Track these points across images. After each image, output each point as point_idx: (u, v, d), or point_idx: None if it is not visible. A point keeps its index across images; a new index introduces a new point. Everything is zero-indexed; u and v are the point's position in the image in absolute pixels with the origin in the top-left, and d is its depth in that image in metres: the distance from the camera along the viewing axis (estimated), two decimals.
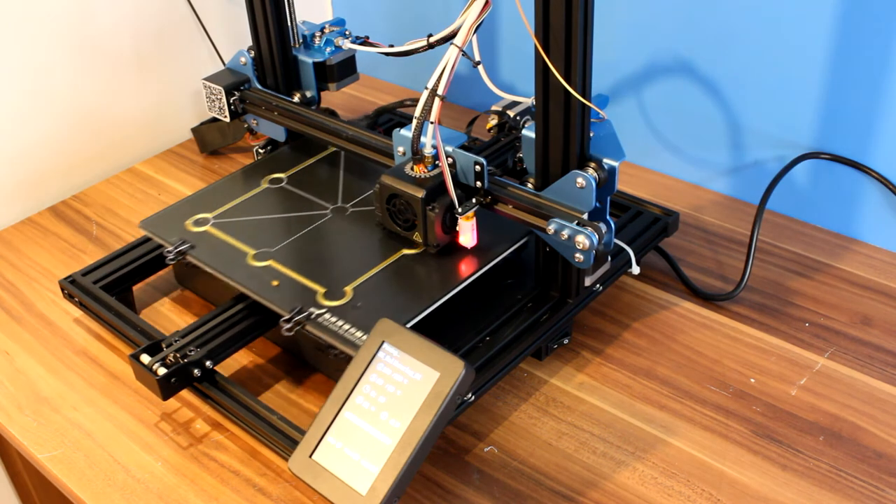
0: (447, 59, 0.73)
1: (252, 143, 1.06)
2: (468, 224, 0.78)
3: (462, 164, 0.79)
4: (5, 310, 0.93)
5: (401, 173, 0.79)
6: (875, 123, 0.89)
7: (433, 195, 0.77)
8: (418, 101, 0.76)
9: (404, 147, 0.81)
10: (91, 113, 1.11)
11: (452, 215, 0.78)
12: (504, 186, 0.78)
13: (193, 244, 0.84)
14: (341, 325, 0.74)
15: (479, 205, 0.79)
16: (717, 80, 0.98)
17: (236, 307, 0.81)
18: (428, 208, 0.77)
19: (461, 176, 0.79)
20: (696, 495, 0.70)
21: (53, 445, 0.77)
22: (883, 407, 0.76)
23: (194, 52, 1.20)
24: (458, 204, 0.78)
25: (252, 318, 0.80)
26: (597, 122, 0.74)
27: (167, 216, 0.90)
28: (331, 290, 0.77)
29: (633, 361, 0.82)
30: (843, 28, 0.87)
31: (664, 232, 0.90)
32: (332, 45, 1.00)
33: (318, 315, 0.75)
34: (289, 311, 0.75)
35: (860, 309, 0.86)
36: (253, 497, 0.72)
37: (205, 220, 0.88)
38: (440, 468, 0.73)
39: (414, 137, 0.77)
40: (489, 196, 0.79)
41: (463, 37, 0.72)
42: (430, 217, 0.77)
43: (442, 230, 0.78)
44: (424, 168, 0.78)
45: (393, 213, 0.80)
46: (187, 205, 0.91)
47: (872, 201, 0.93)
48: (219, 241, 0.85)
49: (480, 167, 0.78)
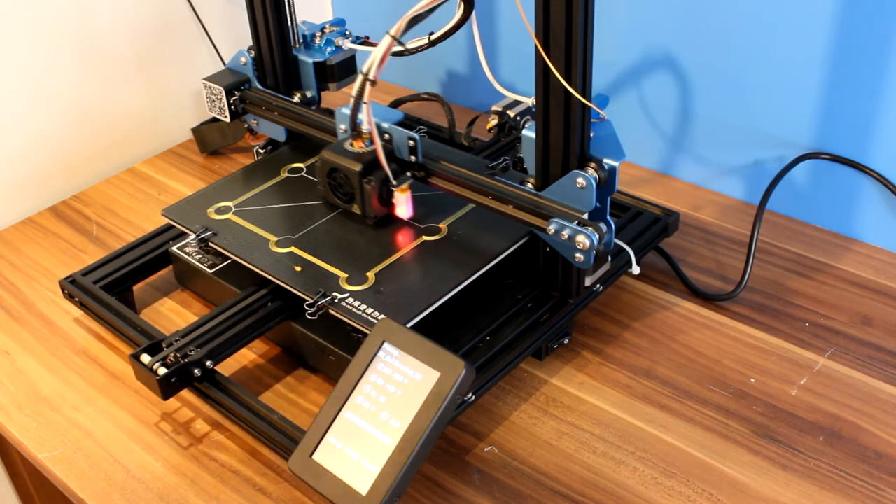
0: (380, 46, 0.76)
1: (252, 143, 1.06)
2: (403, 196, 0.83)
3: (397, 139, 0.83)
4: (5, 310, 0.93)
5: (340, 149, 0.83)
6: (875, 123, 0.89)
7: (369, 169, 0.81)
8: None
9: (345, 124, 0.86)
10: (91, 113, 1.11)
11: (388, 188, 0.82)
12: (438, 161, 0.82)
13: (216, 231, 0.86)
14: (364, 309, 0.75)
15: (414, 178, 0.83)
16: (717, 79, 0.98)
17: (259, 293, 0.82)
18: (364, 181, 0.81)
19: (397, 151, 0.83)
20: (696, 495, 0.70)
21: (53, 445, 0.77)
22: (883, 407, 0.76)
23: (194, 52, 1.20)
24: (392, 177, 0.81)
25: (275, 304, 0.82)
26: (597, 122, 0.74)
27: (189, 204, 0.91)
28: (353, 276, 0.79)
29: (633, 361, 0.82)
30: (842, 28, 0.87)
31: (664, 232, 0.90)
32: (333, 45, 1.00)
33: (341, 299, 0.76)
34: (313, 296, 0.76)
35: (860, 309, 0.86)
36: (253, 497, 0.72)
37: (226, 209, 0.89)
38: (440, 468, 0.73)
39: (352, 115, 0.82)
40: (423, 170, 0.83)
41: (397, 25, 0.74)
42: (366, 189, 0.82)
43: (379, 202, 0.83)
44: (362, 144, 0.83)
45: (333, 187, 0.85)
46: (208, 194, 0.92)
47: (872, 201, 0.93)
48: (241, 229, 0.86)
49: (414, 142, 0.82)
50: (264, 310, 0.81)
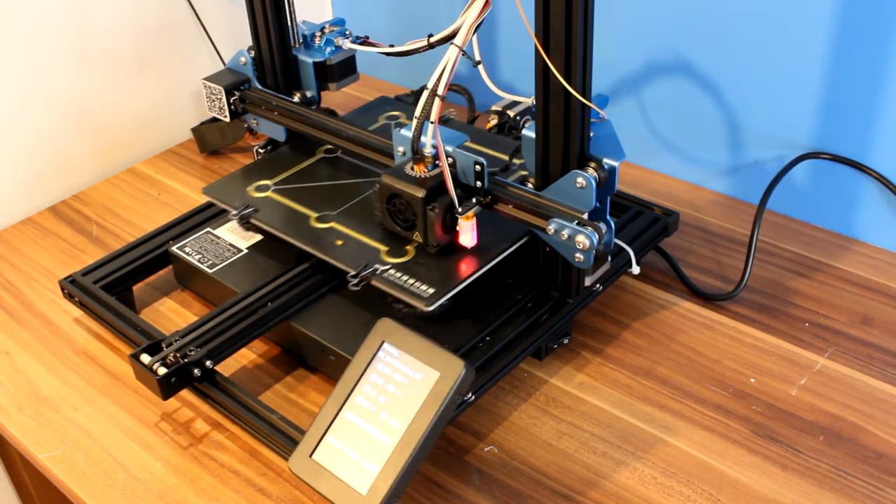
0: (447, 58, 0.73)
1: (252, 142, 1.06)
2: (468, 224, 0.78)
3: (462, 163, 0.79)
4: (5, 310, 0.93)
5: (401, 173, 0.79)
6: (875, 123, 0.89)
7: (433, 195, 0.77)
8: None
9: (404, 147, 0.81)
10: (91, 113, 1.11)
11: (452, 215, 0.78)
12: (504, 186, 0.78)
13: (257, 208, 0.87)
14: (406, 280, 0.76)
15: (479, 205, 0.79)
16: (717, 80, 0.98)
17: (300, 267, 0.84)
18: (428, 208, 0.77)
19: (461, 176, 0.79)
20: (696, 495, 0.70)
21: (53, 445, 0.77)
22: (883, 407, 0.76)
23: (194, 52, 1.20)
24: (458, 204, 0.78)
25: (316, 277, 0.83)
26: (597, 122, 0.74)
27: (228, 183, 0.93)
28: (393, 249, 0.80)
29: (633, 361, 0.82)
30: (842, 27, 0.87)
31: (664, 232, 0.90)
32: (333, 45, 1.00)
33: (383, 271, 0.77)
34: (355, 268, 0.77)
35: (860, 309, 0.86)
36: (253, 497, 0.72)
37: (266, 187, 0.91)
38: (440, 468, 0.73)
39: (414, 137, 0.77)
40: (489, 196, 0.79)
41: (463, 36, 0.72)
42: (430, 217, 0.77)
43: (442, 230, 0.78)
44: (424, 168, 0.78)
45: (393, 213, 0.80)
46: (246, 173, 0.94)
47: (872, 201, 0.93)
48: (281, 205, 0.88)
49: (480, 167, 0.78)
50: (264, 310, 0.81)
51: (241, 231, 0.92)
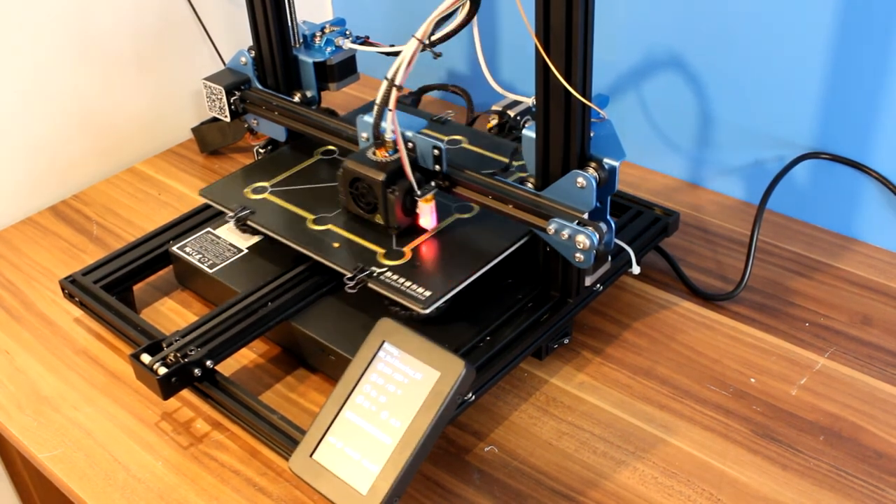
0: (406, 50, 0.75)
1: (252, 142, 1.06)
2: (427, 206, 0.81)
3: (422, 148, 0.81)
4: (5, 309, 0.93)
5: (363, 158, 0.82)
6: (875, 123, 0.89)
7: (393, 178, 0.80)
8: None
9: (367, 133, 0.84)
10: (91, 113, 1.11)
11: (412, 198, 0.81)
12: (463, 171, 0.81)
13: (254, 210, 0.87)
14: (403, 283, 0.76)
15: (438, 188, 0.82)
16: (718, 80, 0.98)
17: (301, 267, 0.84)
18: (388, 191, 0.80)
19: (421, 160, 0.82)
20: (696, 495, 0.70)
21: (53, 445, 0.77)
22: (883, 407, 0.76)
23: (194, 52, 1.20)
24: (417, 187, 0.80)
25: (316, 277, 0.83)
26: (597, 122, 0.74)
27: (225, 185, 0.93)
28: (390, 251, 0.80)
29: (633, 361, 0.82)
30: (843, 28, 0.87)
31: (664, 232, 0.90)
32: (333, 45, 1.00)
33: (379, 273, 0.77)
34: (351, 270, 0.77)
35: (860, 309, 0.86)
36: (253, 497, 0.72)
37: (263, 189, 0.91)
38: (440, 468, 0.73)
39: (375, 123, 0.81)
40: (448, 180, 0.81)
41: (423, 28, 0.74)
42: (390, 199, 0.80)
43: (402, 212, 0.81)
44: (385, 153, 0.81)
45: (356, 197, 0.83)
46: (244, 175, 0.94)
47: (872, 201, 0.93)
48: (278, 207, 0.88)
49: (439, 151, 0.80)
50: (264, 310, 0.81)
51: (242, 231, 0.92)
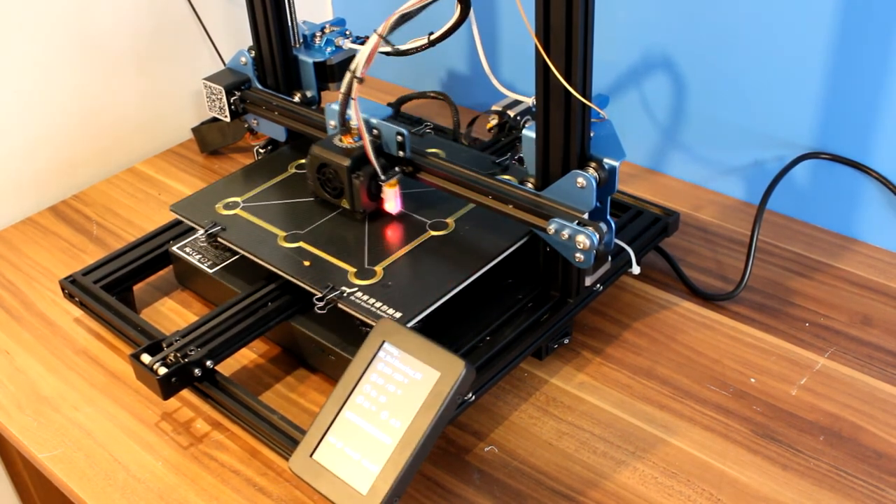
0: (368, 44, 0.77)
1: (252, 142, 1.06)
2: (392, 191, 0.83)
3: (386, 134, 0.83)
4: (5, 309, 0.93)
5: (330, 144, 0.84)
6: (875, 123, 0.89)
7: (358, 164, 0.82)
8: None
9: (335, 120, 0.86)
10: (91, 113, 1.11)
11: (377, 183, 0.83)
12: (426, 156, 0.83)
13: (224, 226, 0.86)
14: (373, 303, 0.75)
15: (402, 173, 0.84)
16: (718, 79, 0.98)
17: (268, 288, 0.83)
18: (353, 176, 0.82)
19: (385, 146, 0.84)
20: (696, 495, 0.70)
21: (53, 445, 0.77)
22: (883, 407, 0.76)
23: (194, 52, 1.20)
24: (381, 172, 0.82)
25: (282, 299, 0.82)
26: (597, 122, 0.74)
27: (197, 200, 0.91)
28: (361, 270, 0.79)
29: (634, 361, 0.82)
30: (843, 28, 0.87)
31: (664, 232, 0.90)
32: (333, 45, 1.00)
33: (350, 293, 0.76)
34: (322, 290, 0.76)
35: (860, 309, 0.86)
36: (253, 497, 0.72)
37: (234, 204, 0.89)
38: (440, 468, 0.73)
39: (340, 111, 0.83)
40: (411, 165, 0.83)
41: (384, 24, 0.75)
42: (355, 184, 0.82)
43: (368, 197, 0.83)
44: (351, 139, 0.84)
45: (323, 182, 0.85)
46: (216, 189, 0.93)
47: (872, 201, 0.93)
48: (249, 224, 0.87)
49: (402, 137, 0.82)
50: (264, 309, 0.81)
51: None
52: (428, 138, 0.98)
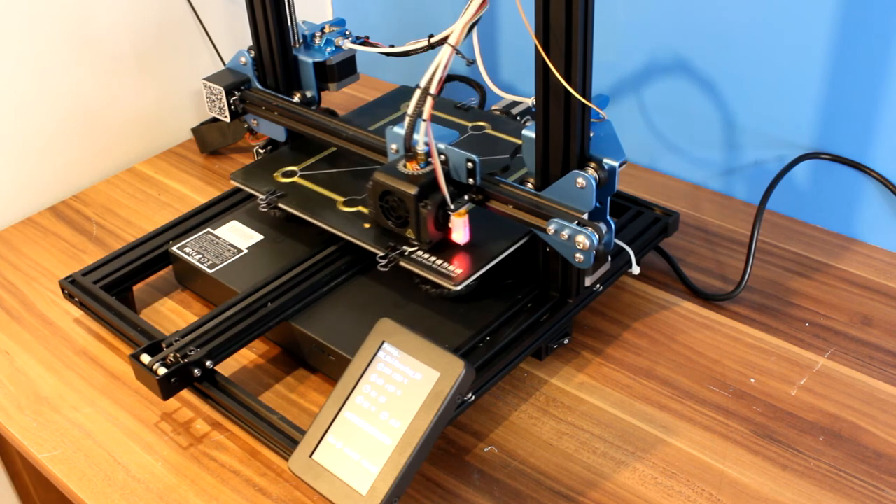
0: (440, 57, 0.73)
1: (252, 143, 1.06)
2: (460, 220, 0.78)
3: (454, 161, 0.79)
4: (5, 310, 0.93)
5: (393, 170, 0.79)
6: (875, 123, 0.89)
7: (426, 192, 0.77)
8: None
9: (397, 144, 0.82)
10: (91, 113, 1.11)
11: (445, 212, 0.79)
12: (498, 184, 0.79)
13: (284, 193, 0.88)
14: (434, 261, 0.77)
15: (472, 202, 0.79)
16: (717, 80, 0.98)
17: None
18: (420, 205, 0.77)
19: (453, 173, 0.79)
20: (696, 495, 0.70)
21: (53, 445, 0.77)
22: (883, 407, 0.76)
23: (194, 52, 1.20)
24: (450, 201, 0.78)
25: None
26: (597, 122, 0.74)
27: (255, 169, 0.94)
28: None
29: (633, 361, 0.82)
30: (843, 28, 0.87)
31: (664, 232, 0.90)
32: (333, 45, 1.00)
33: (411, 252, 0.78)
34: (384, 249, 0.78)
35: (860, 309, 0.86)
36: (253, 497, 0.72)
37: (292, 172, 0.92)
38: (440, 468, 0.73)
39: (406, 135, 0.78)
40: (481, 193, 0.79)
41: (457, 35, 0.72)
42: (422, 214, 0.77)
43: (434, 227, 0.78)
44: (417, 165, 0.78)
45: (386, 210, 0.80)
46: (272, 160, 0.96)
47: (872, 201, 0.93)
48: (308, 190, 0.89)
49: (473, 164, 0.78)
50: (264, 310, 0.81)
51: (242, 231, 0.92)
52: (473, 112, 1.00)
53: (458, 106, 1.01)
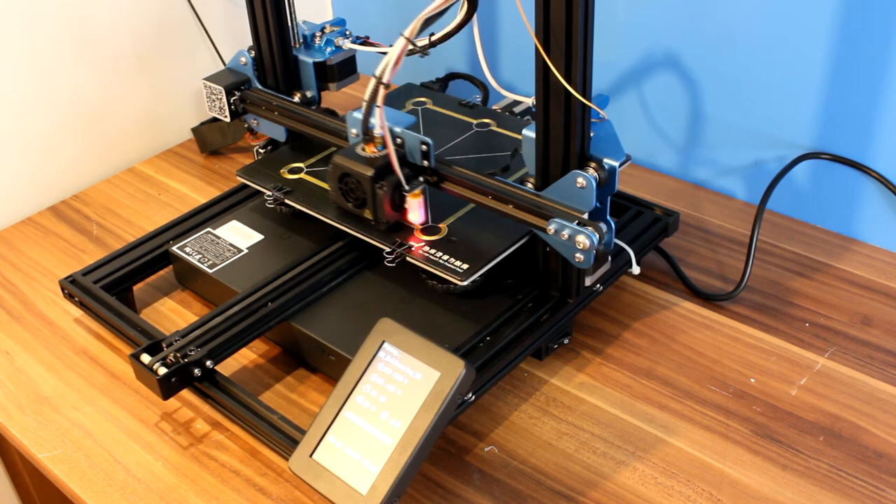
0: (394, 49, 0.75)
1: (252, 142, 1.06)
2: (416, 201, 0.81)
3: (409, 144, 0.82)
4: (5, 310, 0.93)
5: (352, 153, 0.82)
6: (875, 123, 0.89)
7: (381, 174, 0.80)
8: None
9: (357, 129, 0.85)
10: (91, 113, 1.11)
11: (400, 193, 0.82)
12: (451, 166, 0.81)
13: (291, 189, 0.89)
14: (441, 256, 0.78)
15: (427, 183, 0.82)
16: (718, 79, 0.98)
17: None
18: (376, 186, 0.80)
19: (409, 155, 0.82)
20: (696, 495, 0.70)
21: (53, 445, 0.77)
22: (883, 407, 0.76)
23: (194, 52, 1.20)
24: (405, 182, 0.81)
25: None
26: (597, 122, 0.74)
27: (261, 165, 0.95)
28: (427, 227, 0.82)
29: (633, 361, 0.82)
30: (843, 28, 0.87)
31: (664, 232, 0.90)
32: (333, 45, 1.00)
33: (418, 247, 0.79)
34: (391, 245, 0.79)
35: (860, 309, 0.86)
36: (253, 497, 0.72)
37: (298, 169, 0.93)
38: (440, 468, 0.73)
39: (364, 119, 0.81)
40: (436, 175, 0.82)
41: (411, 27, 0.74)
42: (378, 195, 0.81)
43: (391, 207, 0.81)
44: (374, 148, 0.82)
45: (345, 192, 0.84)
46: (278, 156, 0.96)
47: (872, 201, 0.93)
48: (314, 187, 0.90)
49: (427, 147, 0.80)
50: (264, 309, 0.81)
51: (242, 231, 0.92)
52: (478, 109, 1.01)
53: (462, 103, 1.01)
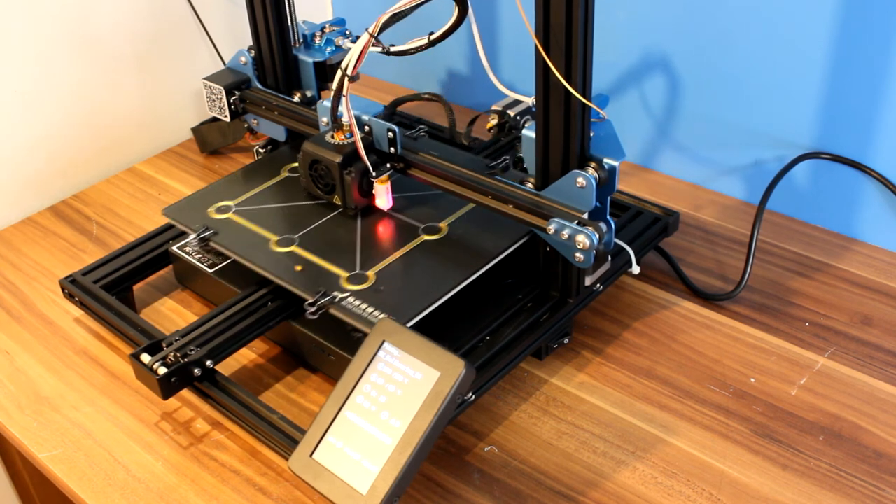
0: (359, 43, 0.78)
1: (252, 142, 1.06)
2: (383, 187, 0.84)
3: (377, 131, 0.85)
4: (5, 309, 0.93)
5: (322, 141, 0.85)
6: (875, 123, 0.89)
7: (349, 160, 0.83)
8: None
9: (327, 117, 0.88)
10: (91, 113, 1.11)
11: (368, 179, 0.84)
12: (417, 153, 0.84)
13: (217, 230, 0.85)
14: (365, 308, 0.74)
15: (394, 169, 0.85)
16: (718, 79, 0.98)
17: (259, 293, 0.82)
18: (345, 172, 0.83)
19: (376, 143, 0.85)
20: (696, 495, 0.70)
21: (53, 445, 0.77)
22: (883, 407, 0.76)
23: (194, 52, 1.20)
24: (372, 168, 0.83)
25: (275, 304, 0.82)
26: (597, 122, 0.74)
27: (189, 204, 0.91)
28: (353, 275, 0.79)
29: (633, 361, 0.82)
30: (843, 28, 0.87)
31: (664, 232, 0.90)
32: (333, 45, 1.00)
33: (341, 298, 0.76)
34: (313, 295, 0.76)
35: (860, 309, 0.86)
36: (253, 496, 0.72)
37: (227, 208, 0.89)
38: (440, 468, 0.73)
39: (332, 108, 0.83)
40: (402, 161, 0.85)
41: (374, 24, 0.76)
42: (346, 181, 0.83)
43: (359, 193, 0.84)
44: (343, 136, 0.84)
45: (315, 178, 0.86)
46: (209, 193, 0.92)
47: (872, 201, 0.93)
48: (242, 228, 0.86)
49: (393, 133, 0.83)
50: (264, 309, 0.81)
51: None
52: (422, 141, 0.98)
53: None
